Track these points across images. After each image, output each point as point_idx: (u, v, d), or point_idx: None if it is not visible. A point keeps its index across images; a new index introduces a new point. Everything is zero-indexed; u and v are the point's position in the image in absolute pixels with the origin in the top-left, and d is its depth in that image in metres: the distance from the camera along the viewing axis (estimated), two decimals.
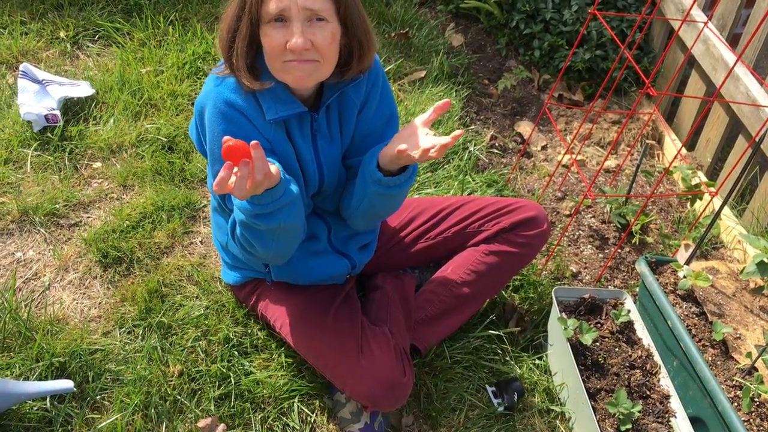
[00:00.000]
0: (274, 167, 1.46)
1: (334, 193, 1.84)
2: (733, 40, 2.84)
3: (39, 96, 2.62)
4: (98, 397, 1.88)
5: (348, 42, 1.59)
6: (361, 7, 1.59)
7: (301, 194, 1.63)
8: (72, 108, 2.69)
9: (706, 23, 2.47)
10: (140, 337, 2.02)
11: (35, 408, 1.82)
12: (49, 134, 2.55)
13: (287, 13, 1.48)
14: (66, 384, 1.80)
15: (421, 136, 1.55)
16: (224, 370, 1.95)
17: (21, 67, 2.70)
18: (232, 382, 1.93)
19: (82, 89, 2.72)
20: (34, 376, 1.88)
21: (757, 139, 2.38)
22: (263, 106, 1.62)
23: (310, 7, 1.48)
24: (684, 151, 2.98)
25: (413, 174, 1.66)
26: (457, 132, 1.48)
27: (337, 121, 1.74)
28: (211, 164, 1.66)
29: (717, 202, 2.62)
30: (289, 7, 1.47)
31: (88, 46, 3.04)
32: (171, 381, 1.92)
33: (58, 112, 2.57)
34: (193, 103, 2.78)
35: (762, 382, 1.78)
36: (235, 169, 1.35)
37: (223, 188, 1.36)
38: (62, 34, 3.05)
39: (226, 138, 1.36)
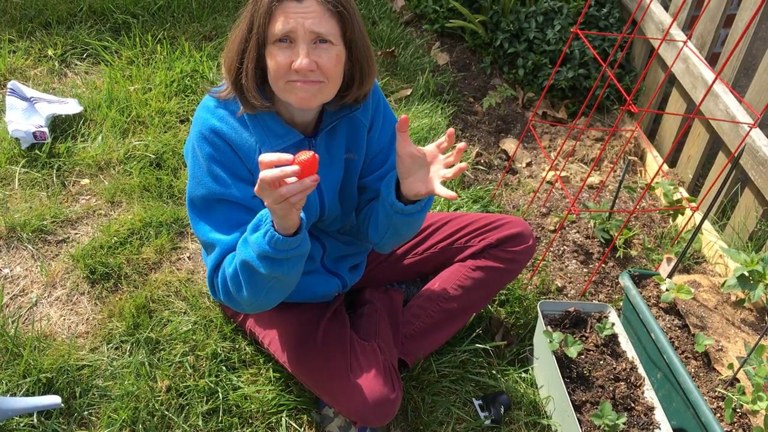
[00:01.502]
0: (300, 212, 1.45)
1: (336, 218, 1.85)
2: (712, 59, 2.90)
3: (27, 113, 2.63)
4: (85, 413, 1.88)
5: (351, 66, 1.60)
6: (365, 33, 1.60)
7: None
8: (60, 125, 2.70)
9: (685, 42, 2.53)
10: (128, 353, 2.02)
11: (22, 424, 1.82)
12: (37, 151, 2.56)
13: (293, 34, 1.49)
14: (53, 400, 1.80)
15: (439, 165, 1.57)
16: (212, 385, 1.95)
17: (9, 84, 2.71)
18: (220, 397, 1.93)
19: (71, 107, 2.73)
20: (21, 392, 1.88)
21: (736, 155, 2.43)
22: (257, 139, 1.63)
23: (316, 30, 1.48)
24: (666, 167, 3.03)
25: (431, 196, 1.69)
26: (461, 145, 1.51)
27: (344, 143, 1.75)
28: (193, 187, 1.66)
29: (698, 217, 2.67)
30: (295, 29, 1.48)
31: (76, 64, 3.06)
32: (159, 396, 1.92)
33: (46, 130, 2.58)
34: (181, 121, 2.81)
35: (744, 393, 1.81)
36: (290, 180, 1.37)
37: (276, 185, 1.35)
38: (50, 52, 3.06)
39: (303, 151, 1.37)
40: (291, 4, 1.48)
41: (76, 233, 2.35)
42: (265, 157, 1.37)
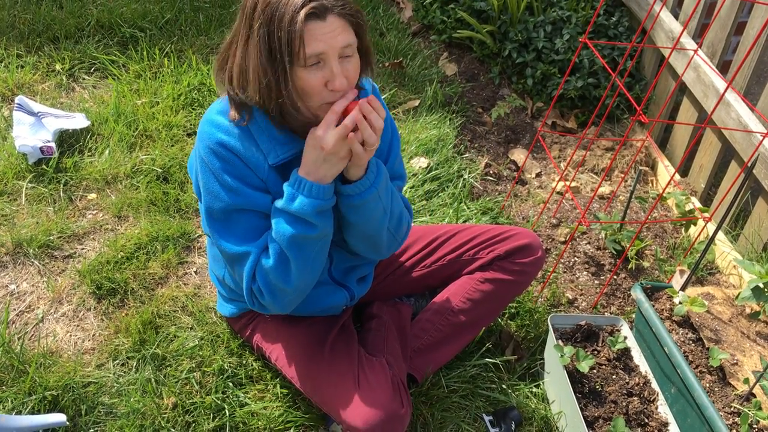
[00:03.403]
0: None
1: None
2: (723, 67, 2.87)
3: (34, 128, 2.63)
4: (91, 431, 1.86)
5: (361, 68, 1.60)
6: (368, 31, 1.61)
7: None
8: (67, 140, 2.70)
9: (696, 51, 2.50)
10: (134, 369, 2.00)
11: None
12: (44, 166, 2.56)
13: (324, 56, 1.48)
14: (58, 418, 1.78)
15: None
16: (219, 402, 1.93)
17: (17, 99, 2.71)
18: (227, 414, 1.91)
19: (78, 121, 2.73)
20: (27, 410, 1.86)
21: (749, 165, 2.39)
22: (263, 150, 1.62)
23: (343, 45, 1.48)
24: (677, 177, 3.00)
25: (375, 180, 1.62)
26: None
27: None
28: (210, 202, 1.64)
29: (711, 227, 2.63)
30: (326, 51, 1.47)
31: (83, 79, 3.06)
32: (165, 413, 1.90)
33: (53, 144, 2.58)
34: (188, 134, 2.81)
35: (760, 408, 1.77)
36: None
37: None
38: (58, 66, 3.07)
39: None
40: (317, 25, 1.46)
41: (83, 248, 2.35)
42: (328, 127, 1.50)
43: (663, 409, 1.92)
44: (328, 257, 1.87)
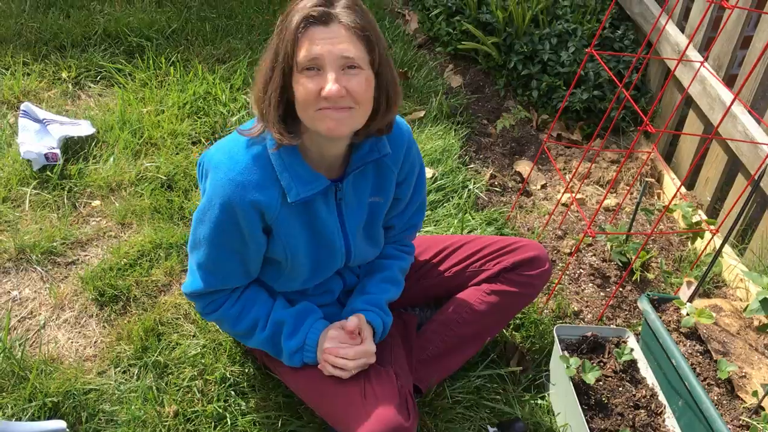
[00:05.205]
0: None
1: (364, 259, 1.86)
2: (729, 82, 2.86)
3: (39, 135, 2.63)
4: None
5: (378, 94, 1.57)
6: (391, 60, 1.58)
7: (322, 271, 1.77)
8: (72, 147, 2.70)
9: (702, 63, 2.50)
10: (135, 377, 1.98)
11: None
12: (48, 173, 2.55)
13: (321, 61, 1.46)
14: (59, 425, 1.77)
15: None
16: (220, 411, 1.91)
17: (22, 106, 2.71)
18: (229, 423, 1.89)
19: (83, 128, 2.73)
20: (27, 417, 1.84)
21: (756, 177, 2.38)
22: (284, 186, 1.60)
23: (345, 54, 1.46)
24: (683, 189, 2.98)
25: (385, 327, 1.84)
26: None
27: (370, 187, 1.75)
28: (198, 227, 1.66)
29: (718, 240, 2.61)
30: (322, 54, 1.46)
31: (89, 87, 3.07)
32: (166, 422, 1.88)
33: (58, 151, 2.57)
34: (193, 143, 2.80)
35: None
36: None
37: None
38: (64, 74, 3.08)
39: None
40: (318, 30, 1.46)
41: (86, 255, 2.33)
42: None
43: (670, 422, 1.90)
44: (342, 282, 1.88)
